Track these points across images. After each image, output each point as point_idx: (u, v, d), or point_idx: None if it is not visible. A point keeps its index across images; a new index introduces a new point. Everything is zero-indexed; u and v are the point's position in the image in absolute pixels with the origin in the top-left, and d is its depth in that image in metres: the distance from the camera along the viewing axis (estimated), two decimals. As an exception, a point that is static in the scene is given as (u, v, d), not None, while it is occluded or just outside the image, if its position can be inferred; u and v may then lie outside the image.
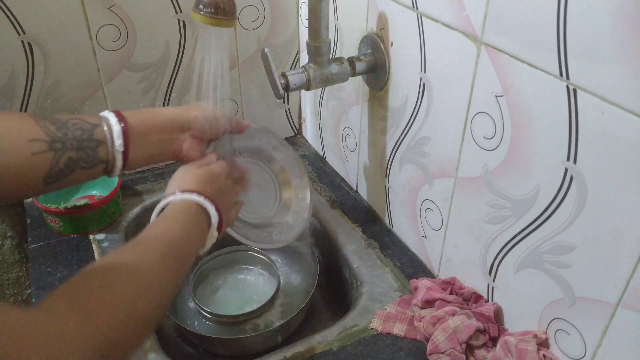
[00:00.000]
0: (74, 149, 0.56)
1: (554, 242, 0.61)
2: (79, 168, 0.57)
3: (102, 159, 0.59)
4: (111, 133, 0.59)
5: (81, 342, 0.40)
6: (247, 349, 0.83)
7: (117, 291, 0.46)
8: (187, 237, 0.58)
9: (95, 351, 0.40)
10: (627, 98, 0.49)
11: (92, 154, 0.58)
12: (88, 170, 0.58)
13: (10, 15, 0.88)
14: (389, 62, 0.83)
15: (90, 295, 0.44)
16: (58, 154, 0.55)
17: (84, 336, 0.40)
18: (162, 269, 0.52)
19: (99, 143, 0.59)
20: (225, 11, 0.64)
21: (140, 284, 0.48)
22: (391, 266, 0.88)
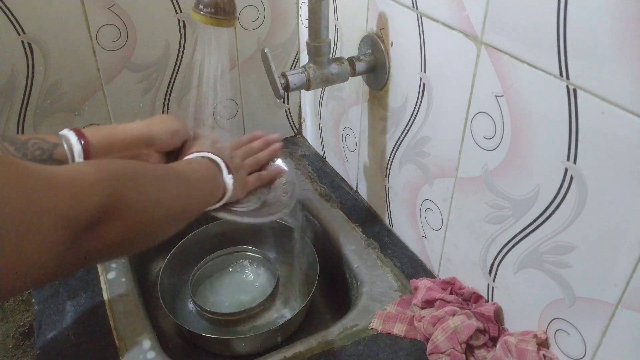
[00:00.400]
0: None
1: (554, 242, 0.61)
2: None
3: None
4: (72, 152, 0.59)
5: (97, 187, 0.44)
6: (247, 349, 0.83)
7: (129, 169, 0.50)
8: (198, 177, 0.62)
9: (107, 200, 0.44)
10: (627, 98, 0.49)
11: None
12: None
13: (10, 15, 0.88)
14: (389, 62, 0.83)
15: (108, 163, 0.48)
16: None
17: (100, 184, 0.44)
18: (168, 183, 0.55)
19: (59, 163, 0.58)
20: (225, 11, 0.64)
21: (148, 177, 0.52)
22: (391, 266, 0.88)
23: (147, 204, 0.50)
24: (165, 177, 0.56)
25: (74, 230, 0.41)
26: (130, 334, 0.76)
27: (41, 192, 0.38)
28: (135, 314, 0.79)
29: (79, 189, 0.42)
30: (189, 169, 0.63)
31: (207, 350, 0.87)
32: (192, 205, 0.60)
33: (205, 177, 0.65)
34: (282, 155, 0.86)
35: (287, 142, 1.24)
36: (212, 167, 0.67)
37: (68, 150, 0.59)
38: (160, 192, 0.53)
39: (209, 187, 0.65)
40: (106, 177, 0.46)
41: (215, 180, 0.66)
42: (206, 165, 0.66)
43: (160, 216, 0.53)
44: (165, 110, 1.07)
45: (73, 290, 0.82)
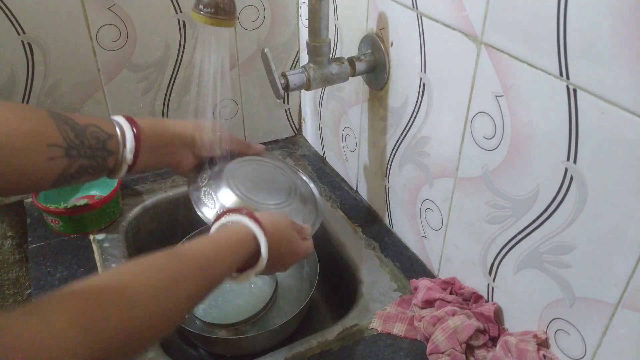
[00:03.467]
0: (87, 157, 0.58)
1: (554, 242, 0.61)
2: (87, 174, 0.59)
3: (109, 168, 0.61)
4: (124, 147, 0.61)
5: (77, 354, 0.38)
6: (247, 349, 0.83)
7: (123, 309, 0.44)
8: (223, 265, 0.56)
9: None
10: (627, 98, 0.49)
11: (102, 162, 0.60)
12: (94, 175, 0.60)
13: (10, 15, 0.88)
14: (389, 62, 0.83)
15: (94, 310, 0.41)
16: (72, 160, 0.56)
17: (81, 349, 0.38)
18: (182, 291, 0.50)
19: (110, 154, 0.60)
20: (225, 11, 0.64)
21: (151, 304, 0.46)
22: (391, 266, 0.88)
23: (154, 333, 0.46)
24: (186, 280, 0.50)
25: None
26: (130, 334, 0.75)
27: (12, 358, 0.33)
28: (135, 314, 0.78)
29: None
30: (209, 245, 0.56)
31: (208, 350, 0.87)
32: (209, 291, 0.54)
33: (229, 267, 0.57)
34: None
35: (287, 142, 1.24)
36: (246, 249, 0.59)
37: (121, 144, 0.61)
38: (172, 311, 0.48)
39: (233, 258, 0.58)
40: (90, 341, 0.39)
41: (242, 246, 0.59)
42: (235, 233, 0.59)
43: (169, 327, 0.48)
44: (165, 110, 1.07)
45: (73, 290, 0.82)
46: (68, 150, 0.55)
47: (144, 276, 0.47)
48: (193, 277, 0.51)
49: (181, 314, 0.50)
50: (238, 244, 0.58)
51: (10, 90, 0.93)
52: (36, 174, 0.53)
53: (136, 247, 0.97)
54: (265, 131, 1.22)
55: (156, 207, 1.02)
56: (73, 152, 0.56)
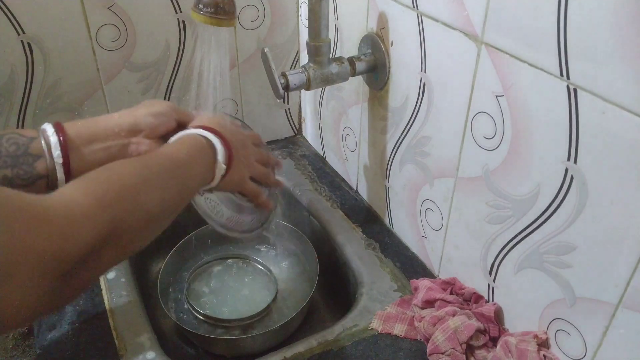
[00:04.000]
0: (9, 167, 0.53)
1: (555, 242, 0.61)
2: (16, 186, 0.54)
3: (40, 174, 0.55)
4: (48, 144, 0.56)
5: (92, 219, 0.42)
6: (247, 349, 0.83)
7: (123, 182, 0.48)
8: (190, 159, 0.58)
9: (105, 230, 0.43)
10: (628, 98, 0.49)
11: (29, 169, 0.55)
12: (27, 187, 0.55)
13: (10, 15, 0.87)
14: (389, 61, 0.83)
15: (99, 183, 0.47)
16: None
17: (95, 215, 0.43)
18: (163, 178, 0.53)
19: (35, 158, 0.55)
20: (225, 11, 0.64)
21: (141, 182, 0.50)
22: (391, 266, 0.88)
23: (145, 216, 0.49)
24: (159, 172, 0.54)
25: (63, 269, 0.39)
26: (130, 334, 0.75)
27: (27, 232, 0.37)
28: (135, 314, 0.78)
29: (71, 225, 0.41)
30: (180, 150, 0.59)
31: (207, 350, 0.87)
32: (187, 193, 0.58)
33: (200, 166, 0.60)
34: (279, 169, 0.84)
35: (287, 142, 1.24)
36: (208, 152, 0.61)
37: (45, 144, 0.56)
38: (158, 194, 0.52)
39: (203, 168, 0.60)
40: (101, 205, 0.44)
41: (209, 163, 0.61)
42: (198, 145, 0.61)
43: (158, 219, 0.52)
44: (165, 110, 1.07)
45: (73, 291, 0.82)
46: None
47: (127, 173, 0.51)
48: (167, 170, 0.55)
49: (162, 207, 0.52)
50: (196, 148, 0.61)
51: (10, 90, 0.93)
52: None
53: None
54: (265, 131, 1.22)
55: (156, 207, 1.02)
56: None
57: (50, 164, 0.56)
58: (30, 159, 0.55)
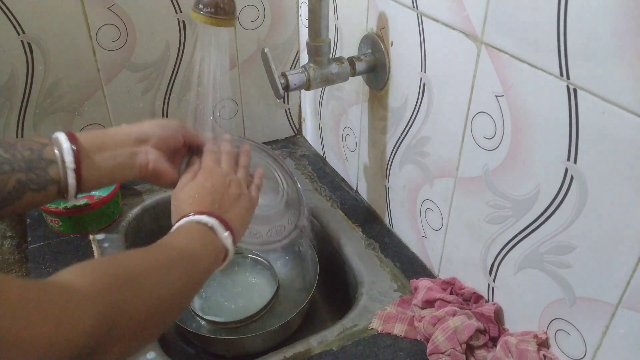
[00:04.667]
0: (23, 171, 0.54)
1: (554, 242, 0.61)
2: (29, 190, 0.54)
3: (53, 180, 0.56)
4: (61, 150, 0.56)
5: (92, 304, 0.39)
6: (247, 349, 0.83)
7: (125, 265, 0.47)
8: (202, 251, 0.57)
9: (106, 318, 0.40)
10: (628, 98, 0.49)
11: (42, 174, 0.55)
12: (39, 192, 0.56)
13: (10, 15, 0.87)
14: (389, 62, 0.83)
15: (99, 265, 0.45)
16: (6, 176, 0.52)
17: (96, 300, 0.40)
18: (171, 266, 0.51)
19: (49, 162, 0.56)
20: (225, 11, 0.64)
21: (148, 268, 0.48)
22: (391, 266, 0.88)
23: (150, 304, 0.46)
24: (168, 263, 0.51)
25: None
26: (130, 334, 0.75)
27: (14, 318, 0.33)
28: (135, 314, 0.78)
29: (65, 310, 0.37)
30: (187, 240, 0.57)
31: (207, 350, 0.87)
32: (198, 282, 0.56)
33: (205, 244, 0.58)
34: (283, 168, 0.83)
35: (287, 142, 1.24)
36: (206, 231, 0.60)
37: (57, 149, 0.57)
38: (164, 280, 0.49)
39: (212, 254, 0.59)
40: (100, 288, 0.41)
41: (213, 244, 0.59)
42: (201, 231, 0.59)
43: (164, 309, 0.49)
44: (165, 110, 1.07)
45: (73, 291, 0.82)
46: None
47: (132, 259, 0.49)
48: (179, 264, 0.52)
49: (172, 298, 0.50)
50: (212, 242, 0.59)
51: (10, 90, 0.93)
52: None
53: (136, 247, 0.96)
54: (265, 131, 1.22)
55: (156, 207, 1.02)
56: (4, 167, 0.52)
57: (63, 169, 0.57)
58: (43, 163, 0.56)
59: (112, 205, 0.94)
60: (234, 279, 0.99)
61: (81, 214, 0.90)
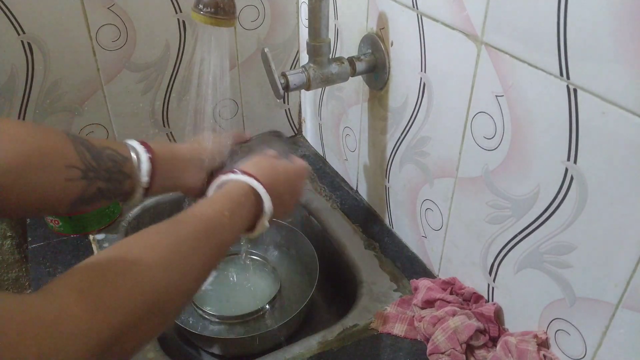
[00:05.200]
0: (104, 180, 0.56)
1: (554, 242, 0.61)
2: (103, 198, 0.57)
3: (125, 191, 0.60)
4: (140, 170, 0.60)
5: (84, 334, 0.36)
6: (247, 349, 0.83)
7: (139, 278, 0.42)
8: (231, 222, 0.55)
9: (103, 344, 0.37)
10: (628, 98, 0.49)
11: (118, 186, 0.59)
12: (109, 199, 0.59)
13: (10, 15, 0.87)
14: (389, 62, 0.83)
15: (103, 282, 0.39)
16: (89, 182, 0.55)
17: (88, 328, 0.36)
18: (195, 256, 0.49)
19: (126, 177, 0.59)
20: (225, 11, 0.64)
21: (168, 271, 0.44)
22: (391, 266, 0.88)
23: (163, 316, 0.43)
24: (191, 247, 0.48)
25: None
26: (130, 334, 0.75)
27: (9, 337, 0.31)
28: (135, 314, 0.78)
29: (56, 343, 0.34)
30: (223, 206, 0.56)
31: (208, 350, 0.87)
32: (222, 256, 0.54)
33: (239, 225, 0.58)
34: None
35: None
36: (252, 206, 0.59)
37: (136, 167, 0.60)
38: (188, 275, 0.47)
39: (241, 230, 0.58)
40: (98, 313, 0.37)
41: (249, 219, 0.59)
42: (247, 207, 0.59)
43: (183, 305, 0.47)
44: (165, 110, 1.07)
45: (73, 291, 0.82)
46: (86, 172, 0.54)
47: (153, 244, 0.46)
48: (205, 239, 0.51)
49: (198, 280, 0.49)
50: (240, 202, 0.58)
51: (10, 90, 0.93)
52: (54, 196, 0.52)
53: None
54: (265, 131, 1.21)
55: (156, 208, 1.02)
56: (90, 174, 0.55)
57: (135, 185, 0.60)
58: (122, 177, 0.59)
59: (112, 205, 0.94)
60: (236, 278, 0.99)
61: (81, 214, 0.90)
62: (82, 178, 0.54)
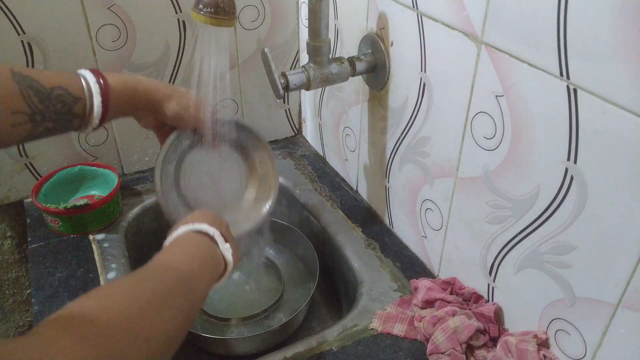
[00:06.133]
0: (52, 121, 0.57)
1: (554, 242, 0.61)
2: (51, 134, 0.58)
3: (74, 128, 0.60)
4: (91, 111, 0.60)
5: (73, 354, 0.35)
6: (247, 349, 0.83)
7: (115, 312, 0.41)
8: (201, 270, 0.53)
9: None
10: (628, 98, 0.49)
11: (67, 125, 0.59)
12: (58, 134, 0.59)
13: (10, 15, 0.87)
14: (389, 61, 0.83)
15: (85, 316, 0.39)
16: (36, 125, 0.55)
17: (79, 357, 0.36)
18: (169, 299, 0.47)
19: (76, 117, 0.59)
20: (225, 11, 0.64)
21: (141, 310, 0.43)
22: (391, 266, 0.88)
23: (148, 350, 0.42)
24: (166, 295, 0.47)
25: None
26: (130, 334, 0.75)
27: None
28: (135, 314, 0.78)
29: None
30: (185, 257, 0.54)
31: (207, 350, 0.87)
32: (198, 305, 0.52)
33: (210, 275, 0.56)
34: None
35: (287, 142, 1.24)
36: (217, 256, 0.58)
37: (88, 109, 0.59)
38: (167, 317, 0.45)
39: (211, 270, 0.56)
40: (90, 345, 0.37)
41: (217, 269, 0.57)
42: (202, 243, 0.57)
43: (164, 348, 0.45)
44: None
45: (73, 291, 0.82)
46: (32, 116, 0.54)
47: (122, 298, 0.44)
48: (177, 293, 0.49)
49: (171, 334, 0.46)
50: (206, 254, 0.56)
51: (10, 90, 0.93)
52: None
53: (136, 247, 0.97)
54: (265, 131, 1.21)
55: (156, 207, 1.02)
56: (37, 117, 0.55)
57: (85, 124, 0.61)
58: (71, 117, 0.59)
59: (112, 205, 0.94)
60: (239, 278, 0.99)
61: (81, 214, 0.90)
62: (28, 121, 0.54)
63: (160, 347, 0.44)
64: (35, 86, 0.55)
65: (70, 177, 0.98)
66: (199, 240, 0.57)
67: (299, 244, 0.99)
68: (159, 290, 0.47)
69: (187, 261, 0.53)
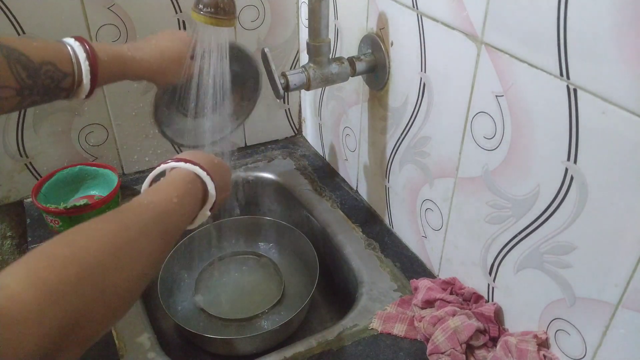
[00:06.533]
0: (40, 95, 0.58)
1: (554, 242, 0.61)
2: (37, 105, 0.60)
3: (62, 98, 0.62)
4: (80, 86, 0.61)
5: (36, 319, 0.34)
6: (247, 349, 0.83)
7: (86, 262, 0.40)
8: (180, 209, 0.54)
9: (58, 330, 0.36)
10: (628, 98, 0.49)
11: (55, 97, 0.60)
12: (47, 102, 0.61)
13: (10, 15, 0.87)
14: (389, 61, 0.83)
15: (50, 269, 0.37)
16: (24, 98, 0.56)
17: (43, 313, 0.35)
18: (145, 240, 0.47)
19: (63, 90, 0.60)
20: (225, 11, 0.64)
21: (116, 256, 0.43)
22: (391, 266, 0.88)
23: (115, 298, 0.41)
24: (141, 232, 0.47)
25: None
26: (130, 334, 0.75)
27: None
28: (135, 314, 0.78)
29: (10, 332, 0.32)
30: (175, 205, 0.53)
31: (207, 350, 0.87)
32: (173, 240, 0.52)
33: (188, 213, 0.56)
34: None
35: (287, 142, 1.24)
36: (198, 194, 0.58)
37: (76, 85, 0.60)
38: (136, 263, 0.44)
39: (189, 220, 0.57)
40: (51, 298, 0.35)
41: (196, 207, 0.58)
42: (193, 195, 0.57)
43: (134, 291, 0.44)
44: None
45: (73, 290, 0.82)
46: (20, 90, 0.55)
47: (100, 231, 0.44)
48: (153, 224, 0.49)
49: (152, 264, 0.47)
50: (187, 189, 0.56)
51: (10, 90, 0.93)
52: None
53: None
54: (265, 131, 1.22)
55: (156, 207, 1.02)
56: (25, 92, 0.56)
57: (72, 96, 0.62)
58: (59, 91, 0.60)
59: (112, 205, 0.94)
60: (240, 278, 0.99)
61: (81, 214, 0.90)
62: (16, 96, 0.55)
63: (129, 295, 0.43)
64: (24, 61, 0.55)
65: (70, 177, 0.98)
66: (180, 176, 0.57)
67: (299, 244, 0.99)
68: (134, 233, 0.46)
69: (165, 198, 0.53)
